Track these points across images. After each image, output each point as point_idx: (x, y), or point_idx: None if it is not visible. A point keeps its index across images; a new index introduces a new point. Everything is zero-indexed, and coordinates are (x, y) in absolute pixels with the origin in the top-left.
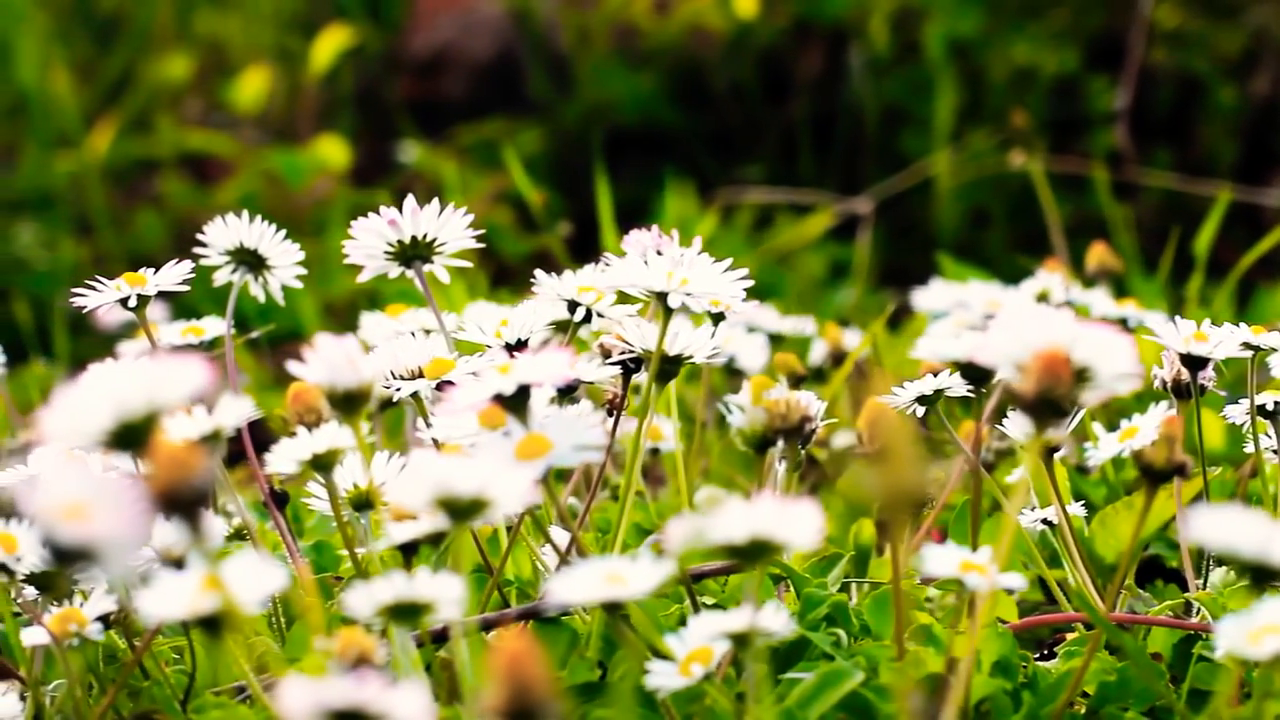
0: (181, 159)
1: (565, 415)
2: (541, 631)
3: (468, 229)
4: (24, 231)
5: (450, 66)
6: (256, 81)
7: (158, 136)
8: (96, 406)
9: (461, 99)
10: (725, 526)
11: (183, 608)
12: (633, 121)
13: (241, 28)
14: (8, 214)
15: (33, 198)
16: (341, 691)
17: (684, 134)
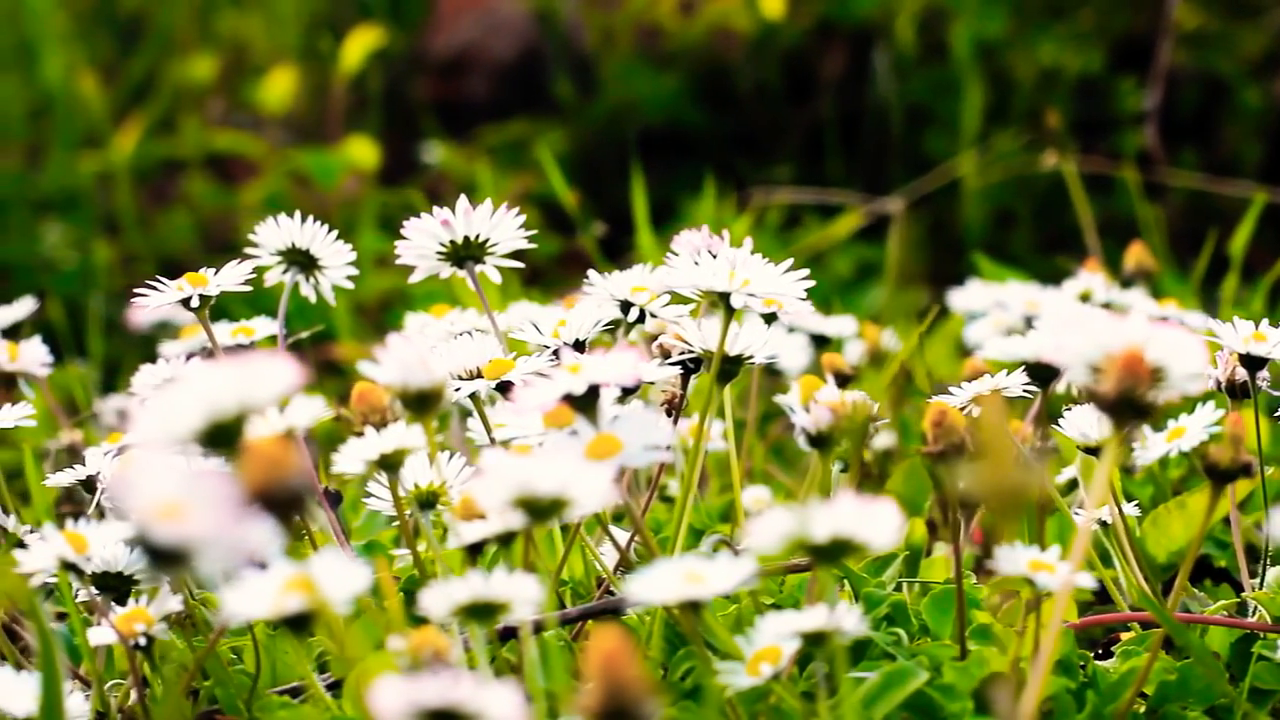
0: (205, 160)
1: (634, 415)
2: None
3: (519, 229)
4: (51, 232)
5: (472, 67)
6: (283, 82)
7: (183, 137)
8: (187, 406)
9: (484, 99)
10: (806, 525)
11: (267, 606)
12: (656, 122)
13: (263, 28)
14: (34, 214)
15: (58, 198)
16: (436, 691)
17: (708, 134)
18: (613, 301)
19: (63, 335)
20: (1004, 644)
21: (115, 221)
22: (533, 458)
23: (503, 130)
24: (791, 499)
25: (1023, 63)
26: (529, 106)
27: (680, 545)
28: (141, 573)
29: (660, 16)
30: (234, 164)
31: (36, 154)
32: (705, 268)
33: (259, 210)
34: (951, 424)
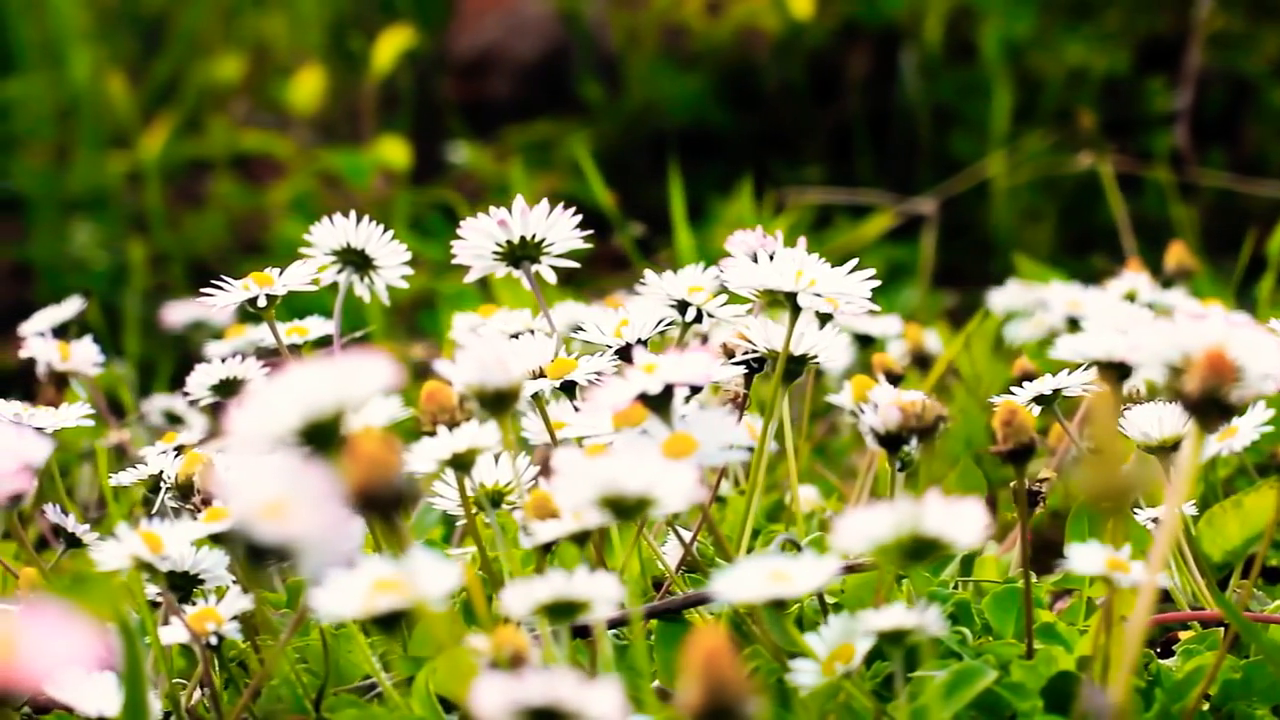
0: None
1: (709, 415)
2: (664, 630)
3: (574, 229)
4: (80, 231)
5: (496, 67)
6: (311, 82)
7: (210, 137)
8: (284, 405)
9: (507, 99)
10: (893, 524)
11: (358, 606)
12: (681, 122)
13: (286, 28)
14: (63, 214)
15: (86, 198)
16: (539, 689)
17: (733, 135)
18: (670, 301)
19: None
20: (1069, 643)
21: (143, 221)
22: (617, 457)
23: (528, 130)
24: (839, 499)
25: (1050, 63)
26: (553, 107)
27: (745, 544)
28: (208, 572)
29: (686, 16)
30: (258, 164)
31: (64, 154)
32: (771, 267)
33: (287, 210)
34: (1021, 423)
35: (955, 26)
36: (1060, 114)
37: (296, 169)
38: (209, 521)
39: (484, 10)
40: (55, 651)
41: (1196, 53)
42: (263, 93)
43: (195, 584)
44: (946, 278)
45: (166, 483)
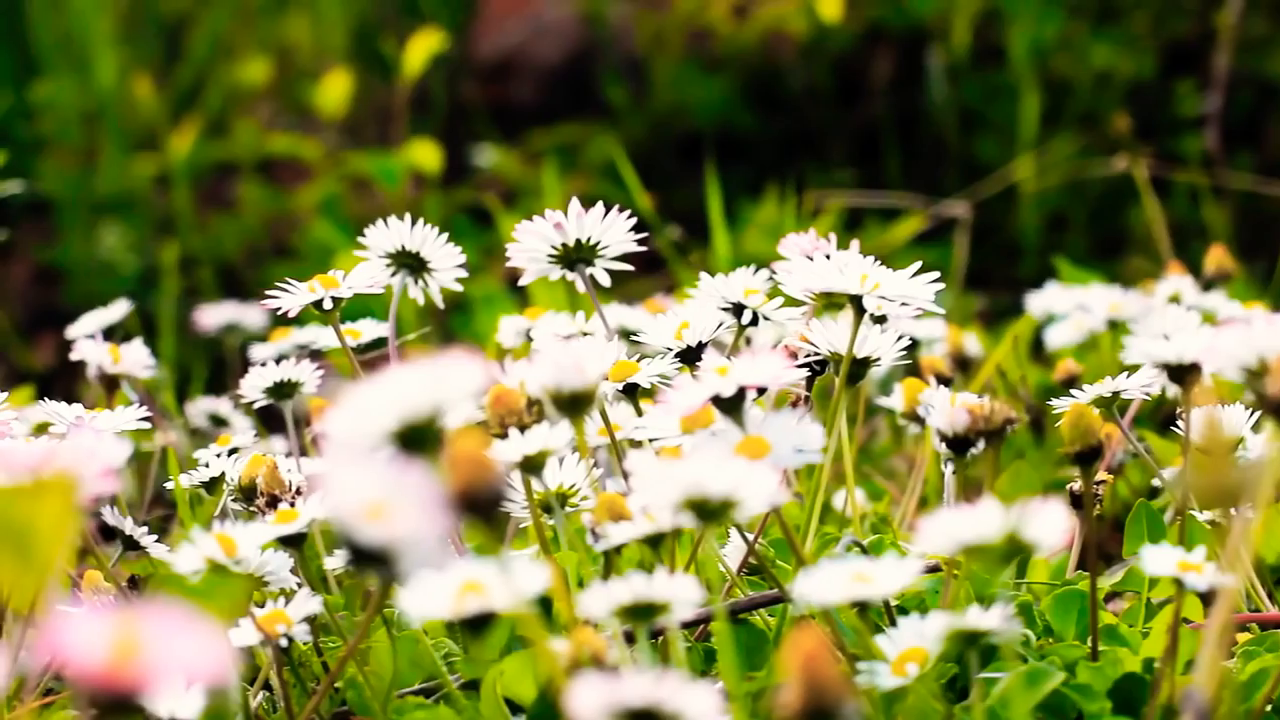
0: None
1: (782, 417)
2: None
3: (629, 232)
4: (109, 234)
5: (519, 70)
6: (339, 86)
7: (238, 140)
8: (381, 407)
9: (530, 103)
10: (978, 525)
11: (447, 607)
12: (707, 125)
13: (309, 31)
14: (91, 217)
15: (113, 201)
16: (638, 690)
17: (758, 137)
18: (724, 304)
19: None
20: (1132, 644)
21: (170, 224)
22: (699, 459)
23: (553, 134)
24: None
25: (1077, 67)
26: (576, 110)
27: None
28: (274, 575)
29: (713, 20)
30: (283, 167)
31: (91, 157)
32: (836, 270)
33: (315, 213)
34: (1090, 425)
35: (981, 29)
36: (1087, 117)
37: (324, 172)
38: (279, 523)
39: (506, 13)
40: (180, 655)
41: (1226, 56)
42: (286, 95)
43: (261, 586)
44: (973, 280)
45: (229, 485)
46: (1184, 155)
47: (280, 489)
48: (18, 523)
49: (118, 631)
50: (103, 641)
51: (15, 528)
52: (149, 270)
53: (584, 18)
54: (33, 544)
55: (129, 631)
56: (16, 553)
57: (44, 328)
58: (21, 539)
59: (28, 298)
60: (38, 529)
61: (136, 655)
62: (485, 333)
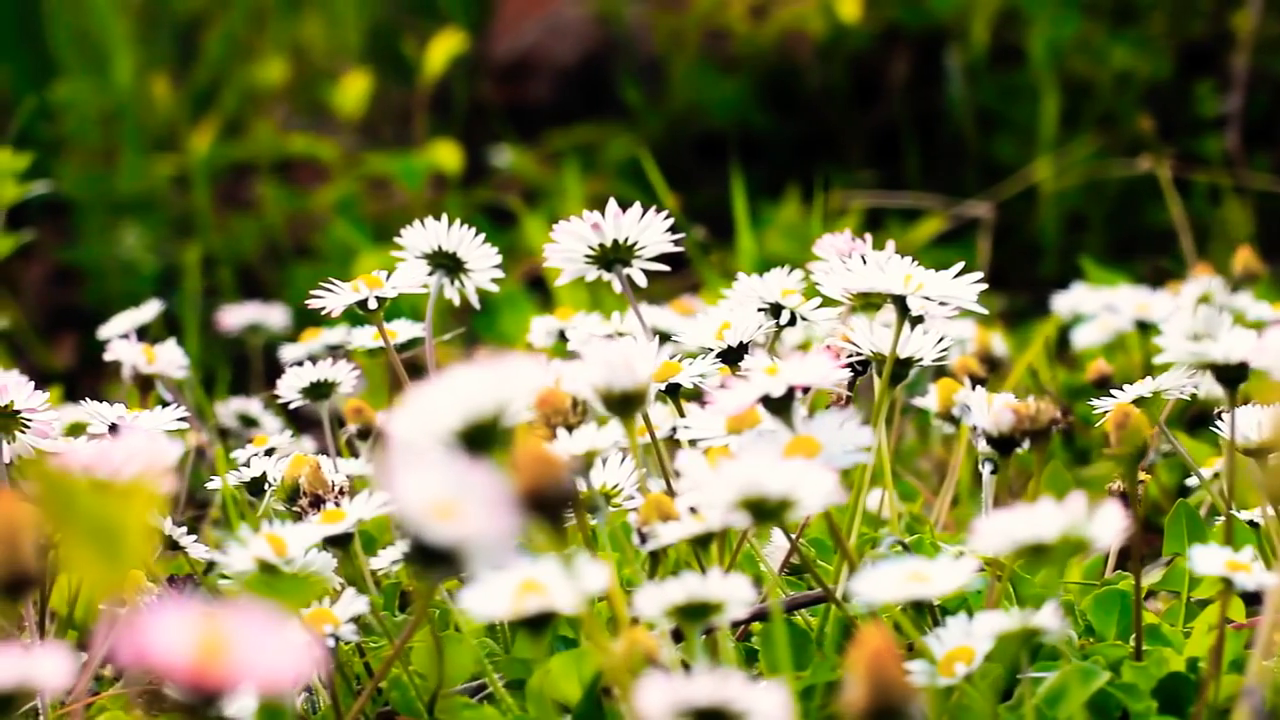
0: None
1: (832, 417)
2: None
3: (666, 233)
4: (128, 234)
5: (534, 70)
6: (358, 86)
7: (255, 140)
8: (445, 407)
9: (546, 103)
10: (1036, 525)
11: (507, 607)
12: (724, 125)
13: (323, 32)
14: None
15: (132, 201)
16: (705, 689)
17: (775, 138)
18: (762, 304)
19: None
20: (1174, 644)
21: (188, 224)
22: (756, 458)
23: (569, 134)
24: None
25: (1095, 67)
26: (592, 110)
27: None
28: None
29: (730, 20)
30: (299, 167)
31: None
32: (880, 271)
33: (333, 213)
34: (1135, 425)
35: (998, 30)
36: (1105, 118)
37: (342, 172)
38: (326, 523)
39: (522, 14)
40: (265, 654)
41: (1245, 56)
42: (301, 96)
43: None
44: (993, 281)
45: (270, 485)
46: (1203, 155)
47: (324, 489)
48: (104, 522)
49: (203, 631)
50: (189, 640)
51: (102, 526)
52: (168, 270)
53: (600, 18)
54: (118, 543)
55: (214, 631)
56: (103, 551)
57: (62, 328)
58: (108, 538)
59: (46, 298)
60: (123, 528)
61: (222, 654)
62: (509, 333)
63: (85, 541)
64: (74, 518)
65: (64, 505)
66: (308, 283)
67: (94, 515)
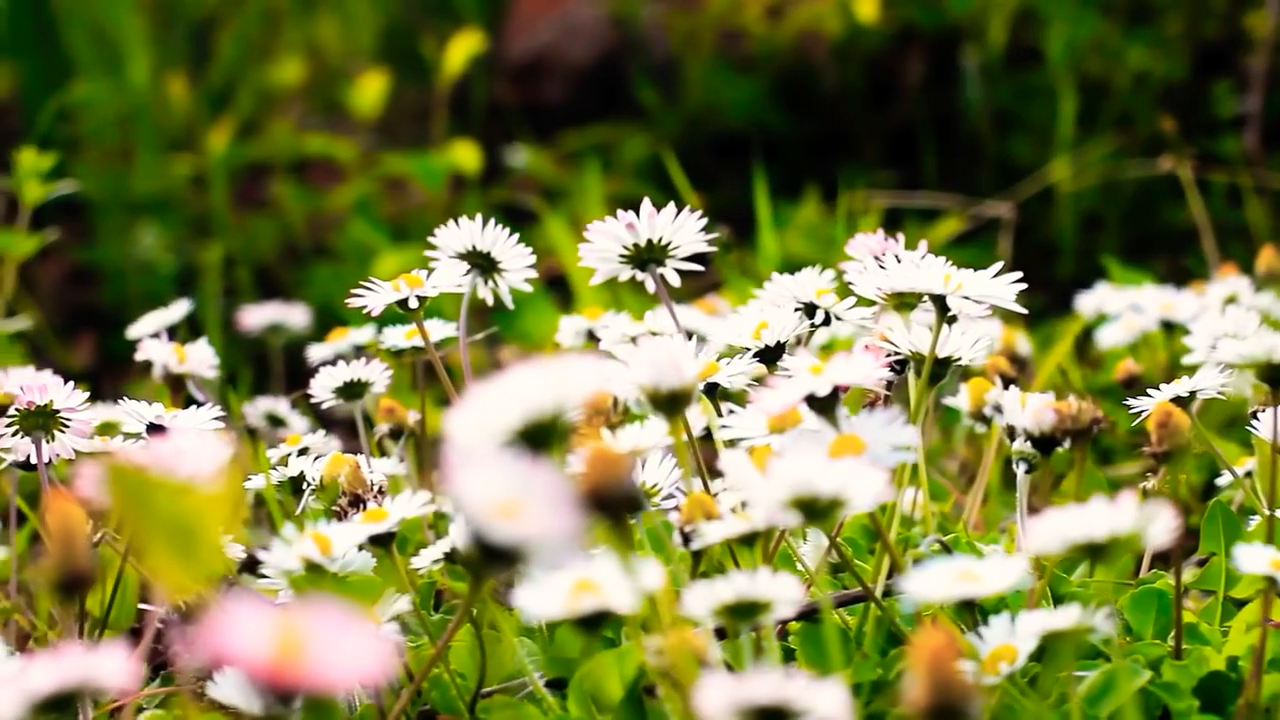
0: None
1: (876, 416)
2: (809, 631)
3: (700, 233)
4: (146, 235)
5: (549, 71)
6: (375, 86)
7: (272, 140)
8: (505, 406)
9: (561, 103)
10: (1086, 525)
11: (561, 606)
12: (738, 125)
13: (337, 32)
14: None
15: (150, 202)
16: (766, 688)
17: (790, 137)
18: (796, 303)
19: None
20: (1213, 642)
21: (206, 224)
22: (807, 458)
23: (585, 134)
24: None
25: (1112, 68)
26: (607, 110)
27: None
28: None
29: (747, 20)
30: (315, 167)
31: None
32: (919, 270)
33: (350, 213)
34: (1176, 424)
35: (1014, 30)
36: (1122, 119)
37: (358, 172)
38: (369, 522)
39: (536, 14)
40: (343, 653)
41: (1264, 57)
42: (315, 96)
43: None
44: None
45: (309, 484)
46: (1221, 155)
47: (363, 488)
48: (182, 521)
49: (282, 629)
50: (268, 638)
51: (180, 526)
52: (186, 270)
53: (615, 18)
54: (197, 542)
55: (293, 629)
56: (181, 551)
57: (79, 328)
58: (186, 537)
59: (62, 298)
60: (201, 528)
61: (301, 653)
62: (530, 331)
63: (163, 541)
64: (152, 517)
65: (142, 505)
66: (327, 282)
67: (172, 515)
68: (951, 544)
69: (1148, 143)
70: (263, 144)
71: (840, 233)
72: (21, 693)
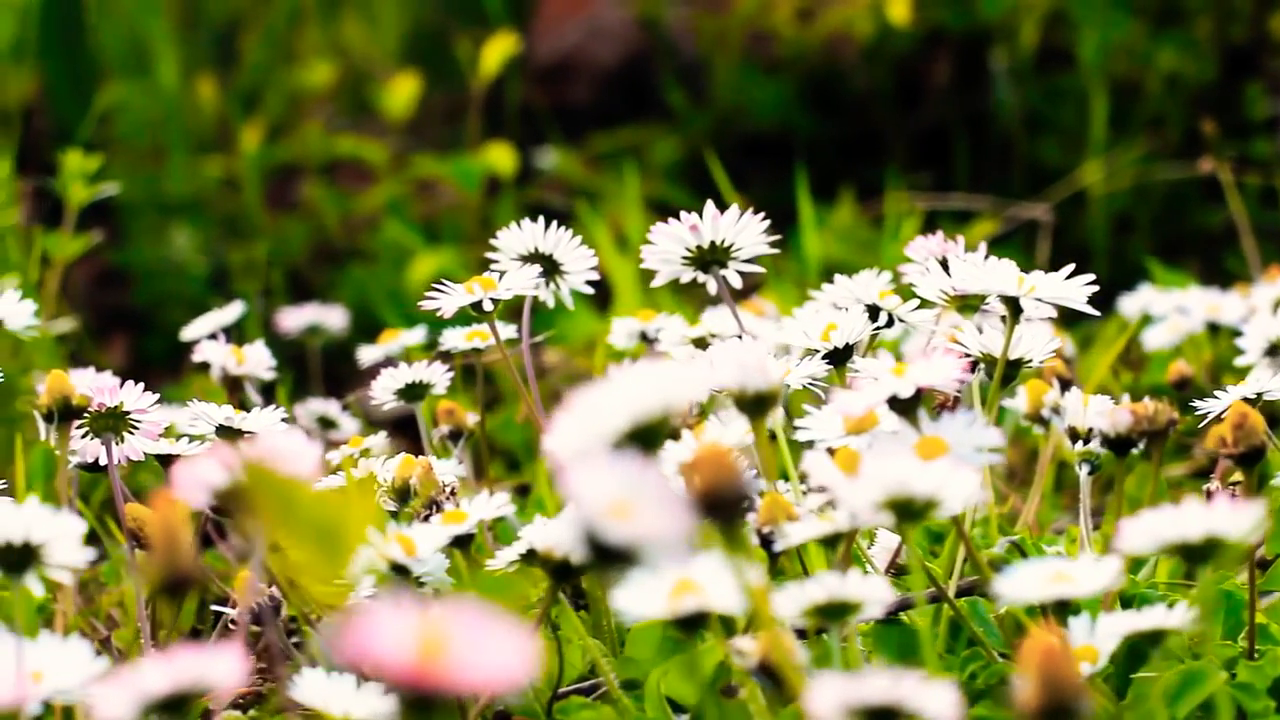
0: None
1: (960, 418)
2: (882, 632)
3: (763, 235)
4: (179, 236)
5: (576, 73)
6: (407, 88)
7: (304, 142)
8: (614, 408)
9: (587, 105)
10: (1182, 525)
11: (662, 607)
12: (767, 127)
13: (365, 34)
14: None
15: (181, 203)
16: (878, 688)
17: (818, 140)
18: (859, 305)
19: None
20: None
21: (237, 226)
22: (901, 459)
23: (613, 136)
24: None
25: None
26: (633, 112)
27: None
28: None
29: (776, 23)
30: (341, 169)
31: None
32: (992, 271)
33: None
34: (1253, 425)
35: (1045, 32)
36: (1155, 121)
37: (391, 174)
38: (448, 524)
39: (562, 16)
40: (486, 654)
41: None
42: (341, 98)
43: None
44: None
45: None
46: (1253, 158)
47: (436, 490)
48: (326, 524)
49: (425, 630)
50: (411, 639)
51: (324, 529)
52: (218, 271)
53: (641, 20)
54: (340, 545)
55: (435, 630)
56: (325, 553)
57: (111, 330)
58: (330, 539)
59: (93, 300)
60: (345, 530)
61: (444, 653)
62: (566, 333)
63: (307, 544)
64: (297, 520)
65: (286, 508)
66: (362, 284)
67: (316, 518)
68: (1021, 546)
69: (1179, 145)
70: (293, 145)
71: (888, 235)
72: (136, 693)
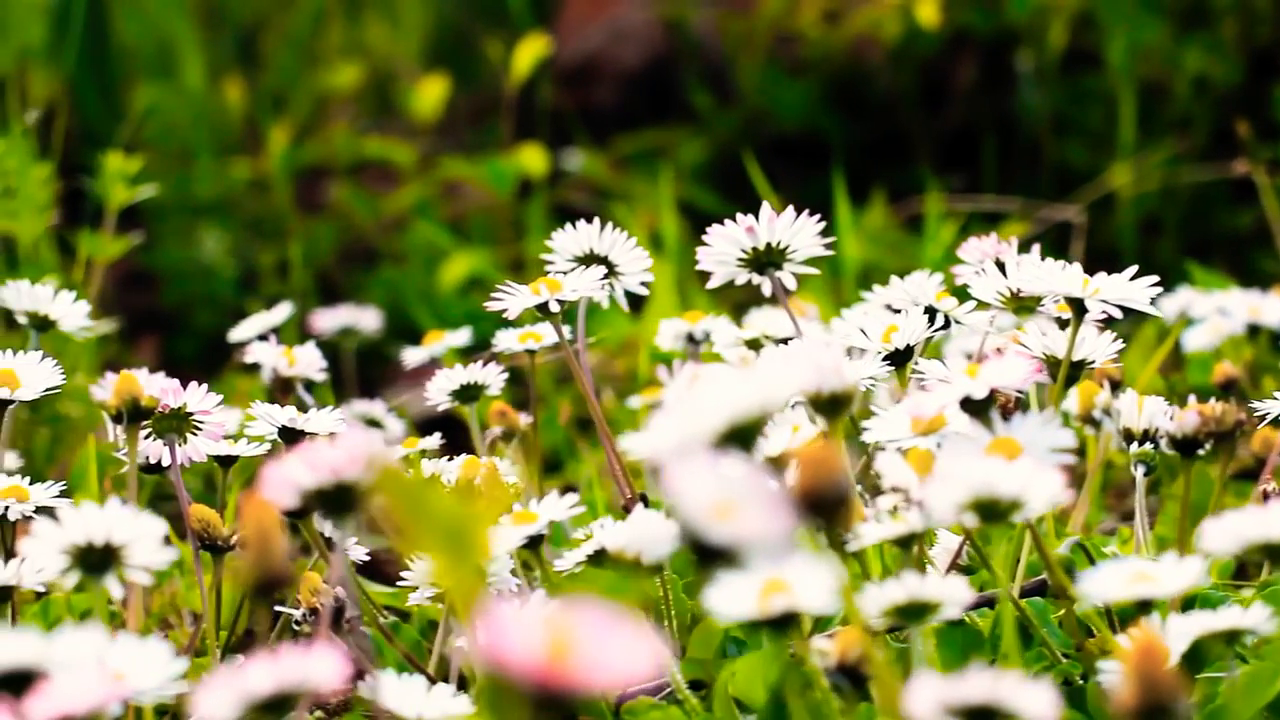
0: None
1: (1032, 419)
2: (945, 632)
3: (818, 236)
4: (208, 238)
5: (600, 75)
6: (435, 90)
7: (332, 143)
8: (711, 408)
9: (612, 107)
10: (1266, 526)
11: (752, 607)
12: (792, 129)
13: (388, 36)
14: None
15: (209, 205)
16: (977, 687)
17: (844, 141)
18: (916, 306)
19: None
20: None
21: (264, 228)
22: (987, 460)
23: (638, 138)
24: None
25: (1170, 72)
26: (657, 114)
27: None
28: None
29: (803, 25)
30: (367, 171)
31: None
32: (1059, 273)
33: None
34: None
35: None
36: (1183, 123)
37: (419, 176)
38: (520, 524)
39: (585, 18)
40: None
41: None
42: (365, 99)
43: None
44: None
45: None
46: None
47: (501, 491)
48: (457, 526)
49: (552, 630)
50: (539, 640)
51: (455, 531)
52: (247, 273)
53: (665, 22)
54: (470, 547)
55: (563, 630)
56: (456, 556)
57: (139, 331)
58: (461, 542)
59: (122, 301)
60: (474, 532)
61: (572, 654)
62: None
63: (439, 547)
64: (428, 523)
65: (417, 511)
66: (393, 285)
67: (447, 520)
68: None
69: (1206, 147)
70: (320, 147)
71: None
72: (239, 694)
